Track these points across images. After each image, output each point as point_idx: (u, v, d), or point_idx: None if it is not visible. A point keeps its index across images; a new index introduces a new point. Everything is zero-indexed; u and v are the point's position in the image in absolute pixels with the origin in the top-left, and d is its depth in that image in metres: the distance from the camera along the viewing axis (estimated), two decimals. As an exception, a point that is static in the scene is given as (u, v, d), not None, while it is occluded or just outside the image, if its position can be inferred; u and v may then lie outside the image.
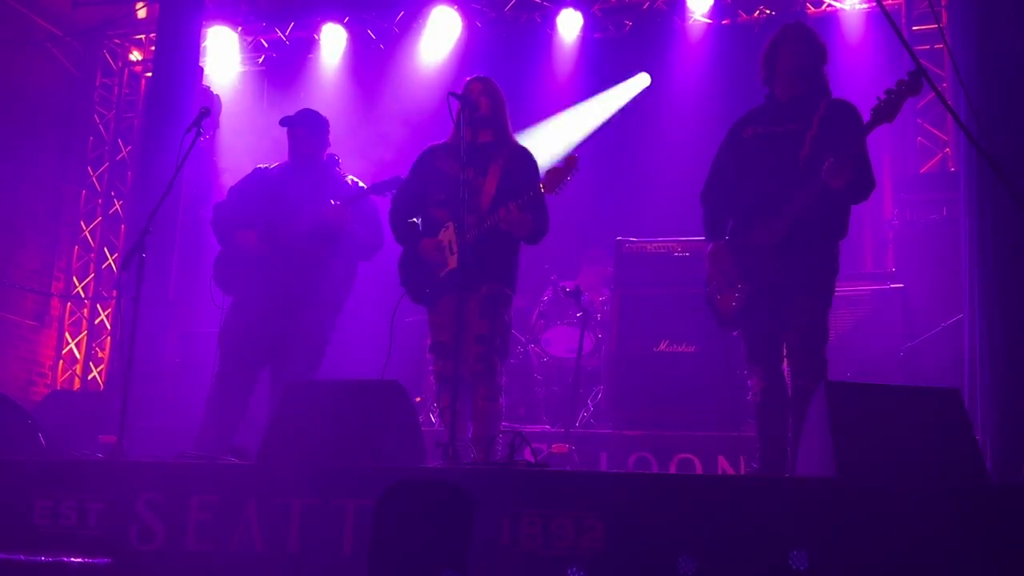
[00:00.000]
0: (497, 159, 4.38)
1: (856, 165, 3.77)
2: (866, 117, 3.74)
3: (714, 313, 4.18)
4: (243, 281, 4.87)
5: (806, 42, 4.10)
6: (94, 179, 9.02)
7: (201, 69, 7.96)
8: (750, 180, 4.11)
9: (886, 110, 3.65)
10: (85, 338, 8.78)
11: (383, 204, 5.01)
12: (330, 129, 5.12)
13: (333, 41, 8.48)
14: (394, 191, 4.66)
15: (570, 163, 4.11)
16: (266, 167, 5.14)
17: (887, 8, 3.54)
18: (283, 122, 5.05)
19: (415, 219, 4.49)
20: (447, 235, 4.31)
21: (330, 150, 5.11)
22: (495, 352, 4.27)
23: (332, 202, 4.78)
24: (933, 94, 5.26)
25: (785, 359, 4.09)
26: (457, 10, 8.14)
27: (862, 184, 3.90)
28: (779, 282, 3.95)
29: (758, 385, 4.06)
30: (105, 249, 8.98)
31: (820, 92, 4.07)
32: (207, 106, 4.88)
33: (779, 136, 4.05)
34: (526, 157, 4.45)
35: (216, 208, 5.07)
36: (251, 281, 4.84)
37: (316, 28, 8.51)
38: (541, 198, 4.21)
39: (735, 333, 4.19)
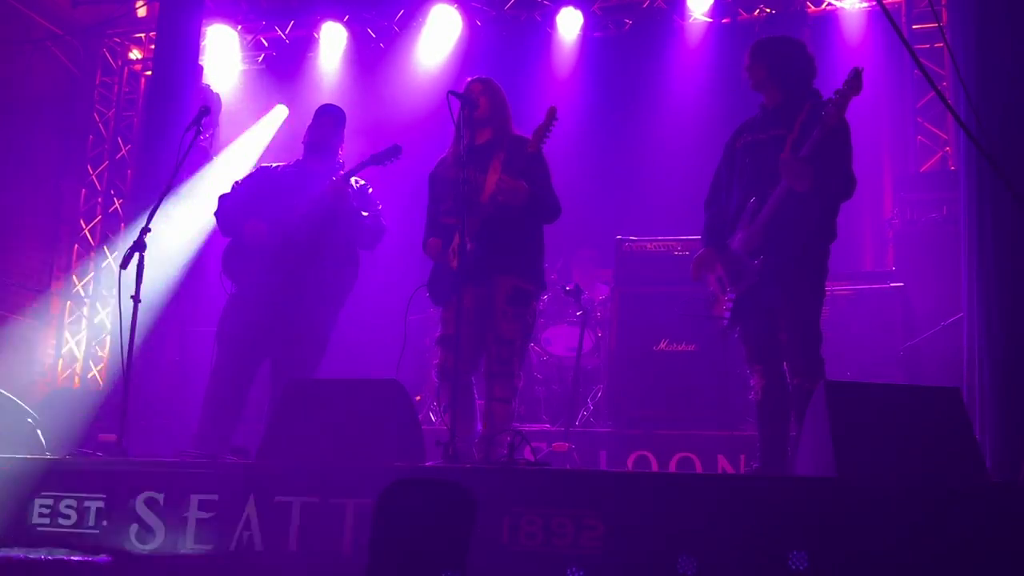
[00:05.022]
0: (498, 154, 4.37)
1: (818, 167, 3.79)
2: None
3: (713, 320, 4.23)
4: (248, 272, 4.82)
5: (766, 55, 4.15)
6: (94, 177, 9.02)
7: (201, 67, 7.96)
8: (738, 188, 4.18)
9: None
10: (85, 337, 8.77)
11: (383, 196, 5.02)
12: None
13: (333, 39, 8.47)
14: (393, 160, 4.66)
15: (550, 115, 4.15)
16: (270, 166, 5.13)
17: (887, 7, 3.54)
18: (318, 113, 5.03)
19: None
20: (458, 237, 4.30)
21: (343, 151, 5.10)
22: (515, 354, 4.26)
23: (332, 178, 4.76)
24: (933, 92, 5.25)
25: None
26: (457, 8, 8.14)
27: (833, 184, 3.90)
28: (764, 284, 3.99)
29: (758, 384, 4.11)
30: (105, 248, 8.97)
31: (804, 96, 4.07)
32: (207, 105, 4.87)
33: (764, 143, 4.11)
34: (522, 140, 4.37)
35: (221, 199, 5.02)
36: (255, 272, 4.77)
37: (316, 26, 8.50)
38: (536, 160, 4.21)
39: (735, 334, 4.22)
